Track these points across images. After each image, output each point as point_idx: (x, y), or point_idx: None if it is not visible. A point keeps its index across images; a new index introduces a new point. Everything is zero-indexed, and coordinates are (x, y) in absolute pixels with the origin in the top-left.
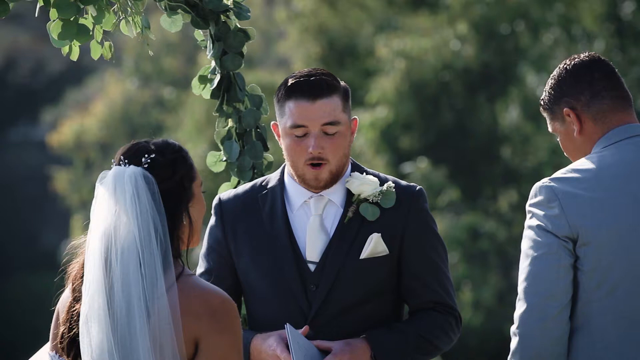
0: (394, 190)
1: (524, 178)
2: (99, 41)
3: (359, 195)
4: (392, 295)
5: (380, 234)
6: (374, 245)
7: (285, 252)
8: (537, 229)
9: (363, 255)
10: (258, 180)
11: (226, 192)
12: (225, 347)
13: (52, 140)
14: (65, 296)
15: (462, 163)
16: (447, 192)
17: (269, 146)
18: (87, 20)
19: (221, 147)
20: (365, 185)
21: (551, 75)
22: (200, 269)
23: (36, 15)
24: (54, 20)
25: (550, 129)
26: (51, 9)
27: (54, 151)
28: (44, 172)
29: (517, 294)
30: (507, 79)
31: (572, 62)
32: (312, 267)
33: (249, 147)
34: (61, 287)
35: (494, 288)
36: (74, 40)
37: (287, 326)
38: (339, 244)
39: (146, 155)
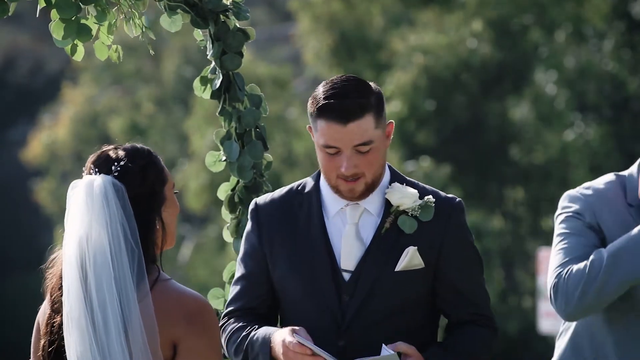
0: (433, 204)
1: (532, 177)
2: (108, 44)
3: (398, 207)
4: (427, 306)
5: (416, 247)
6: (410, 259)
7: (321, 260)
8: None
9: (398, 268)
10: (294, 185)
11: (262, 196)
12: (204, 349)
13: (26, 156)
14: (44, 308)
15: (473, 160)
16: (450, 192)
17: (268, 146)
18: (89, 21)
19: (221, 147)
20: (405, 197)
21: None
22: (237, 273)
23: (37, 15)
24: (54, 20)
25: None
26: (52, 9)
27: (29, 166)
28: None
29: (519, 292)
30: (520, 77)
31: None
32: (346, 276)
33: (249, 146)
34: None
35: (497, 287)
36: (78, 40)
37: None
38: (375, 254)
39: (116, 164)
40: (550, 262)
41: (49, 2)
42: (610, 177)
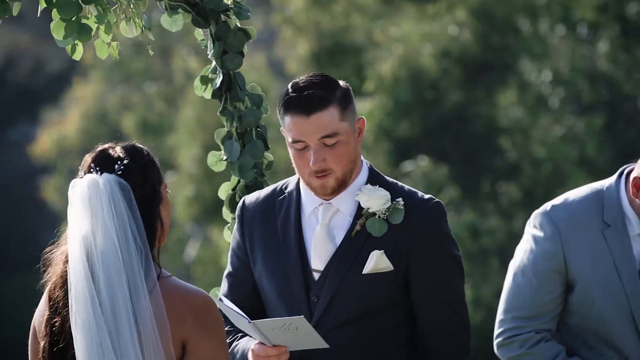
0: (402, 207)
1: (526, 172)
2: (108, 42)
3: (368, 209)
4: (402, 309)
5: (382, 251)
6: (376, 262)
7: (293, 259)
8: None
9: (365, 271)
10: (280, 183)
11: (251, 194)
12: (213, 346)
13: (32, 153)
14: (40, 311)
15: (462, 154)
16: (448, 191)
17: (269, 145)
18: (89, 20)
19: (222, 147)
20: (373, 200)
21: None
22: (226, 270)
23: (38, 15)
24: (55, 20)
25: None
26: (53, 9)
27: (35, 163)
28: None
29: None
30: (506, 69)
31: None
32: (316, 275)
33: (250, 146)
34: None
35: (494, 286)
36: (78, 40)
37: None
38: (343, 256)
39: (118, 162)
40: (504, 292)
41: (50, 2)
42: (586, 190)
